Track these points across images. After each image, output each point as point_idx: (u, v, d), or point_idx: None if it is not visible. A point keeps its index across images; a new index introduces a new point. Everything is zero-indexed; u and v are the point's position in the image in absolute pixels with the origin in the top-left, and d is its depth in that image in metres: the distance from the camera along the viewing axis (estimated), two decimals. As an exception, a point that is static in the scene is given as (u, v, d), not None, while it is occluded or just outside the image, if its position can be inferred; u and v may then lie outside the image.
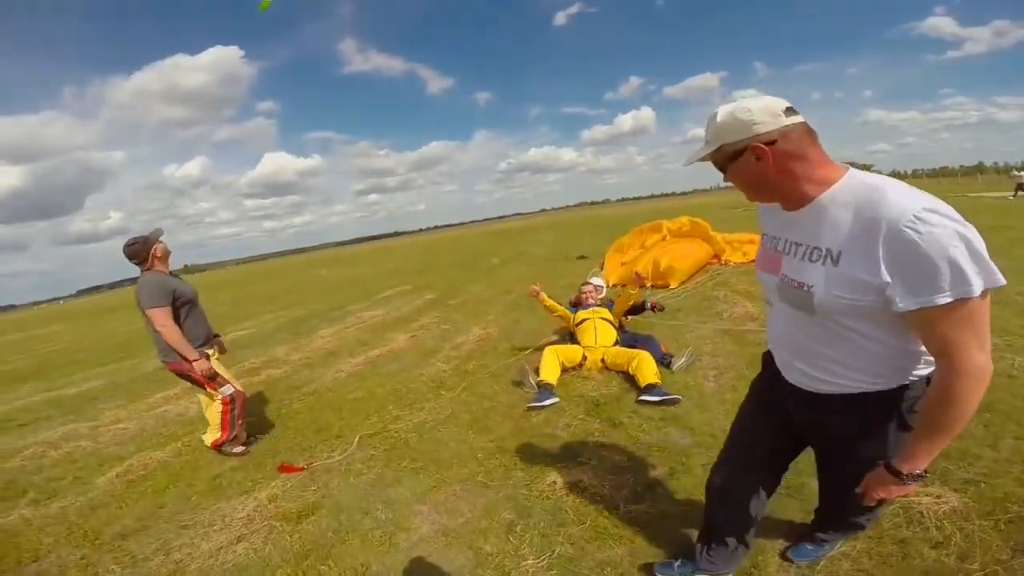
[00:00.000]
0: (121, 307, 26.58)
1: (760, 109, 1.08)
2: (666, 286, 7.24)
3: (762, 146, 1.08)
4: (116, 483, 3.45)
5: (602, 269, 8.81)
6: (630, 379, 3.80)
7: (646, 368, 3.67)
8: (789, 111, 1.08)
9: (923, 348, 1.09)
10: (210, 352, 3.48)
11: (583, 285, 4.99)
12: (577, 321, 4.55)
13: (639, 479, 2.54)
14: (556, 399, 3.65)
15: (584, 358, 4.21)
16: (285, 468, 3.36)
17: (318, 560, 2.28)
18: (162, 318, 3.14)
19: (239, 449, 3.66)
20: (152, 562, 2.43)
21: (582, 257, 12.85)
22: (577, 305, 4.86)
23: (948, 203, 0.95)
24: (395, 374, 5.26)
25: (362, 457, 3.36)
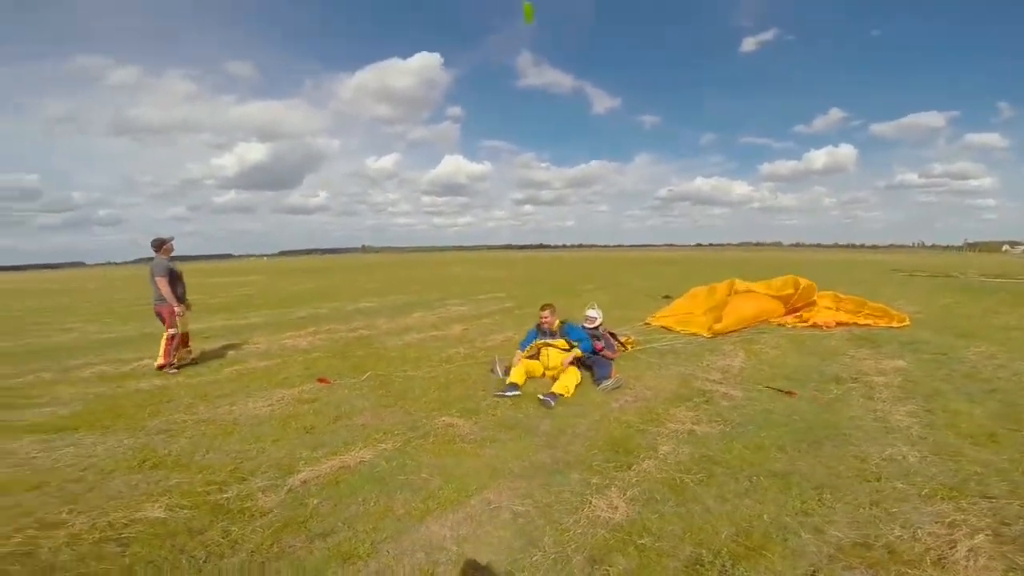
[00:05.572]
0: (302, 270, 34.25)
1: None
2: (696, 334, 7.54)
3: None
4: (233, 374, 5.77)
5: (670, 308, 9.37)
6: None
7: (561, 382, 4.69)
8: None
9: None
10: (181, 306, 6.03)
11: (542, 311, 5.47)
12: (539, 345, 5.38)
13: (473, 432, 3.72)
14: (518, 392, 4.73)
15: (543, 374, 5.26)
16: (321, 380, 5.27)
17: (292, 421, 4.06)
18: (163, 283, 5.85)
19: (173, 371, 5.79)
20: (221, 409, 4.43)
21: (667, 297, 13.00)
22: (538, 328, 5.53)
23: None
24: (430, 349, 6.96)
25: (363, 384, 5.11)
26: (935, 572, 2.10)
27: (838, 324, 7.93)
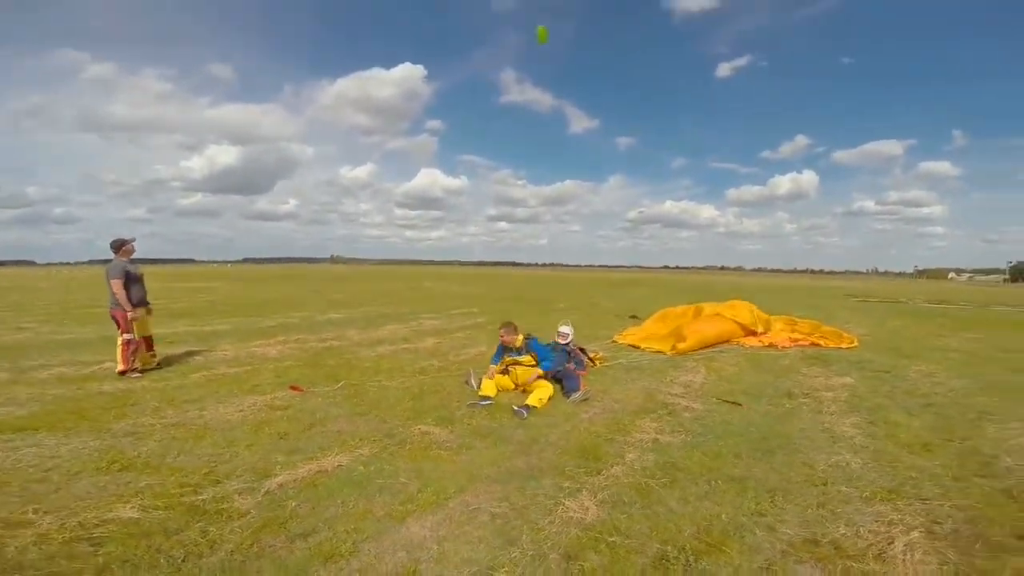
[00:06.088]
0: (267, 278, 33.36)
1: None
2: (660, 352, 7.86)
3: None
4: (201, 379, 5.64)
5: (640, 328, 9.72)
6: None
7: (534, 394, 4.86)
8: None
9: None
10: (140, 311, 5.90)
11: (501, 329, 5.54)
12: (507, 363, 5.52)
13: (449, 439, 3.82)
14: (491, 401, 4.87)
15: (515, 387, 5.39)
16: (293, 388, 5.21)
17: (265, 426, 4.03)
18: (117, 285, 5.59)
19: (136, 375, 5.65)
20: (190, 413, 4.35)
21: (633, 317, 13.40)
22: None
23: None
24: (404, 360, 6.98)
25: (336, 392, 5.08)
26: (877, 565, 2.34)
27: (793, 343, 8.46)
